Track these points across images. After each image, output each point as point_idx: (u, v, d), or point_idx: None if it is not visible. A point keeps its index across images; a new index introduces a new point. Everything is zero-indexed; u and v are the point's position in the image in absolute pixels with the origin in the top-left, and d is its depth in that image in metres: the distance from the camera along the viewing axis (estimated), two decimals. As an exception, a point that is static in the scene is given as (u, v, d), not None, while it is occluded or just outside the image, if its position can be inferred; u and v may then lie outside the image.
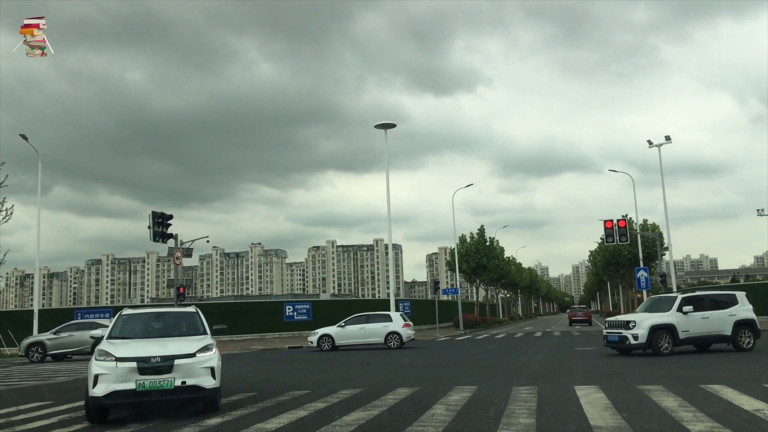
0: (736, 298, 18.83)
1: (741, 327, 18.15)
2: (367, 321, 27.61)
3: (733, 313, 18.20)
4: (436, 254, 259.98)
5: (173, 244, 31.33)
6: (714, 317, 17.96)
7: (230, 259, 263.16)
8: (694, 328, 17.65)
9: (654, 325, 17.29)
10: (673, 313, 17.65)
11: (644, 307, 19.57)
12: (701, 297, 18.77)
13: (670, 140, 40.01)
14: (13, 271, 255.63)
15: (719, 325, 17.99)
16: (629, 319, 17.94)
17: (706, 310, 18.04)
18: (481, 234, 60.74)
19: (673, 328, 17.42)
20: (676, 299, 18.13)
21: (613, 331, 18.20)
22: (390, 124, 36.65)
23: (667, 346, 17.32)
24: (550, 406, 9.23)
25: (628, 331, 17.50)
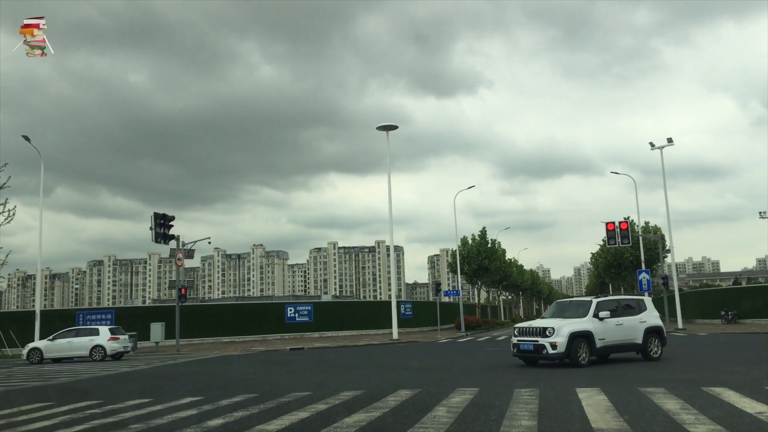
0: (645, 304, 17.79)
1: (650, 335, 17.06)
2: (76, 335, 28.10)
3: (644, 319, 17.11)
4: (438, 256, 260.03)
5: (175, 246, 31.39)
6: (627, 324, 16.71)
7: (232, 260, 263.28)
8: (610, 335, 16.30)
9: (573, 332, 15.55)
10: (590, 319, 16.11)
11: (552, 312, 17.64)
12: (615, 302, 17.40)
13: (672, 142, 40.01)
14: (15, 272, 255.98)
15: (632, 332, 16.79)
16: (546, 326, 15.93)
17: (619, 316, 16.73)
18: (483, 236, 60.71)
19: (591, 335, 15.85)
20: (591, 304, 16.56)
21: (526, 339, 16.24)
22: (392, 125, 36.68)
23: (585, 356, 15.69)
24: (551, 409, 9.22)
25: (546, 339, 15.61)
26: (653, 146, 40.75)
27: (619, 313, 16.77)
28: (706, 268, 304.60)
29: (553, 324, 15.88)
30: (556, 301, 18.35)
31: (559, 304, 18.12)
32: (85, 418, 9.87)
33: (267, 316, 43.47)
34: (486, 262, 58.99)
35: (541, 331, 15.98)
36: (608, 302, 16.99)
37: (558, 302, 18.39)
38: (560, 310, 17.41)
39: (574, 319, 16.08)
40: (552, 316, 17.08)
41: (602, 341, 16.08)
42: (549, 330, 15.72)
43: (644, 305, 17.69)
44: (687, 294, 55.86)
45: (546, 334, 15.74)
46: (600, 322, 16.10)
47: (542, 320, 16.85)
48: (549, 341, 15.53)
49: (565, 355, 15.45)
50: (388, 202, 37.34)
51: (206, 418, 9.35)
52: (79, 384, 16.29)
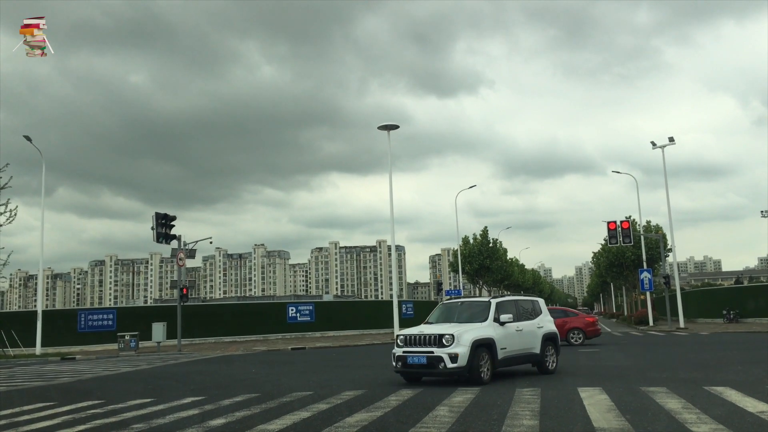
0: (540, 306, 15.29)
1: (547, 343, 14.58)
2: None
3: (541, 324, 14.60)
4: (439, 255, 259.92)
5: (176, 245, 31.40)
6: (526, 330, 14.04)
7: (233, 260, 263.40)
8: (511, 344, 13.39)
9: (476, 340, 12.46)
10: (491, 324, 13.15)
11: (440, 316, 14.25)
12: (513, 303, 14.46)
13: (673, 141, 39.98)
14: (17, 272, 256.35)
15: (531, 340, 14.13)
16: (444, 332, 12.54)
17: (518, 320, 13.92)
18: (485, 235, 60.74)
19: (493, 344, 12.84)
20: (491, 305, 13.53)
21: (416, 351, 12.68)
22: (393, 125, 36.64)
23: (487, 371, 12.63)
24: (553, 408, 9.22)
25: (443, 349, 12.29)
26: (655, 145, 40.72)
27: (518, 316, 13.98)
28: (708, 268, 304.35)
29: (452, 330, 12.53)
30: (443, 303, 15.11)
31: (448, 307, 14.77)
32: (86, 418, 9.88)
33: (268, 315, 43.47)
34: (487, 262, 59.02)
35: (436, 339, 12.48)
36: (508, 303, 14.14)
37: (445, 304, 15.18)
38: (450, 314, 14.12)
39: (474, 325, 13.02)
40: (439, 321, 13.92)
41: (504, 351, 13.09)
42: (447, 338, 12.35)
43: (539, 308, 15.19)
44: (689, 293, 55.81)
45: (443, 342, 12.35)
46: (501, 328, 13.20)
47: (436, 326, 13.37)
48: (447, 352, 12.21)
49: (466, 369, 12.23)
50: (390, 201, 37.31)
51: (208, 417, 9.36)
52: (80, 384, 16.30)
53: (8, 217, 29.87)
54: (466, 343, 12.29)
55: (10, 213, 29.81)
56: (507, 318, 13.32)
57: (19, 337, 33.10)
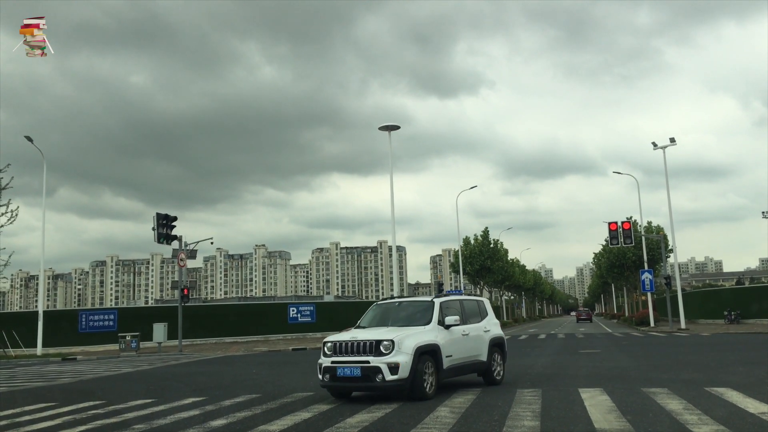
0: (485, 307, 13.48)
1: (494, 349, 12.77)
2: None
3: (487, 328, 12.82)
4: (440, 256, 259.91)
5: (177, 246, 31.41)
6: (473, 335, 12.19)
7: (234, 260, 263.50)
8: (457, 351, 11.56)
9: (420, 346, 10.53)
10: (434, 327, 11.21)
11: (374, 319, 12.19)
12: (459, 303, 12.63)
13: (674, 142, 39.95)
14: (18, 272, 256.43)
15: (477, 345, 12.28)
16: (382, 338, 10.49)
17: (464, 323, 12.03)
18: (485, 236, 60.73)
19: (438, 352, 10.94)
20: (435, 306, 11.64)
21: (348, 361, 10.53)
22: (394, 126, 36.63)
23: (432, 383, 10.73)
24: (554, 409, 9.22)
25: (381, 358, 10.24)
26: (656, 146, 40.69)
27: (464, 318, 12.14)
28: (709, 268, 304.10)
29: (391, 335, 10.54)
30: (377, 303, 13.06)
31: (384, 308, 12.62)
32: (88, 418, 9.89)
33: (269, 316, 43.49)
34: (488, 262, 59.00)
35: (373, 346, 10.44)
36: (453, 304, 12.32)
37: (381, 304, 12.92)
38: (387, 316, 12.14)
39: (415, 328, 11.07)
40: (374, 324, 11.92)
41: (449, 359, 11.26)
42: (386, 344, 10.35)
43: (485, 309, 13.39)
44: (690, 294, 55.78)
45: (381, 350, 10.33)
46: (447, 332, 11.38)
47: (371, 330, 11.35)
48: (386, 361, 10.21)
49: (408, 382, 10.28)
50: (391, 202, 37.29)
51: (209, 418, 9.37)
52: (82, 384, 16.31)
53: (9, 218, 29.92)
54: (408, 350, 10.33)
55: (11, 213, 29.87)
56: (453, 320, 11.46)
57: (20, 337, 33.12)
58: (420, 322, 11.38)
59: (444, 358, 11.08)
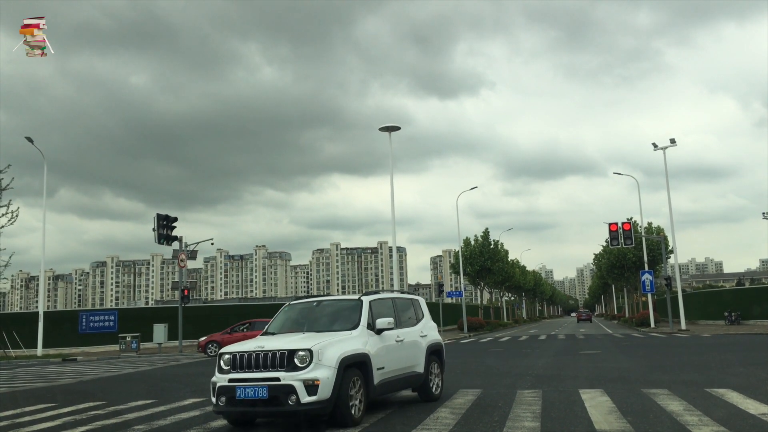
0: (421, 307, 11.32)
1: (432, 357, 10.75)
2: None
3: (424, 332, 10.72)
4: (440, 257, 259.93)
5: (178, 247, 31.42)
6: (408, 341, 10.06)
7: (234, 261, 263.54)
8: (391, 361, 9.38)
9: (346, 357, 8.31)
10: (363, 332, 9.06)
11: (285, 322, 9.79)
12: (392, 303, 10.35)
13: (675, 143, 39.95)
14: (18, 273, 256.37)
15: (413, 354, 10.16)
16: (295, 347, 8.18)
17: (398, 327, 9.85)
18: (486, 237, 60.72)
19: (368, 363, 8.74)
20: (363, 306, 9.45)
21: (249, 378, 8.13)
22: (394, 126, 36.63)
23: (359, 404, 8.58)
24: (554, 410, 9.22)
25: (296, 373, 7.96)
26: (656, 147, 40.70)
27: (397, 321, 9.98)
28: (710, 269, 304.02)
29: (308, 343, 8.20)
30: (290, 303, 10.47)
31: (300, 309, 10.11)
32: (88, 419, 9.89)
33: (270, 316, 43.41)
34: (489, 263, 58.98)
35: (284, 358, 8.09)
36: (385, 303, 10.13)
37: (295, 305, 10.33)
38: (302, 319, 9.74)
39: (340, 335, 8.78)
40: (286, 329, 9.53)
41: (381, 372, 9.02)
42: (302, 355, 8.03)
43: (420, 309, 11.24)
44: (690, 295, 55.76)
45: (295, 363, 8.00)
46: (378, 339, 9.21)
47: (282, 337, 8.93)
48: (302, 378, 7.88)
49: (330, 403, 8.00)
50: (391, 203, 37.29)
51: (210, 419, 9.37)
52: (82, 385, 16.32)
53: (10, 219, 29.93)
54: (330, 362, 8.01)
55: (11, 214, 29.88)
56: (386, 323, 9.26)
57: (20, 338, 33.13)
58: (345, 326, 9.18)
59: (375, 371, 8.84)
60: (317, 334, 8.86)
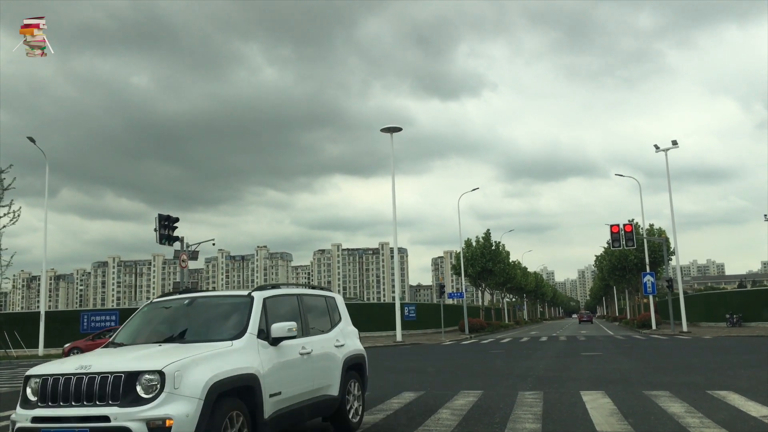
0: (338, 308, 8.74)
1: (350, 374, 8.26)
2: None
3: (340, 341, 8.16)
4: (442, 258, 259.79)
5: (179, 247, 31.40)
6: (319, 352, 7.52)
7: (236, 261, 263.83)
8: (293, 383, 6.97)
9: (219, 382, 5.62)
10: (250, 343, 6.46)
11: (140, 328, 7.19)
12: (296, 300, 7.73)
13: (677, 145, 39.92)
14: (20, 273, 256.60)
15: (326, 372, 7.67)
16: (137, 368, 5.41)
17: (304, 334, 7.40)
18: (487, 238, 60.68)
19: (256, 388, 6.20)
20: (253, 304, 6.86)
21: (63, 417, 5.34)
22: (396, 127, 36.67)
23: None
24: (555, 412, 9.21)
25: (134, 409, 5.20)
26: (658, 149, 40.67)
27: (304, 326, 7.48)
28: (711, 271, 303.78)
29: (160, 362, 5.49)
30: (152, 301, 7.78)
31: (163, 309, 7.44)
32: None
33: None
34: (490, 264, 58.94)
35: (119, 384, 5.37)
36: (286, 301, 7.52)
37: (157, 303, 7.63)
38: (166, 323, 7.16)
39: (213, 347, 6.17)
40: (138, 339, 6.92)
41: (278, 400, 6.58)
42: (146, 380, 5.36)
43: (337, 310, 8.66)
44: (692, 297, 55.69)
45: (137, 392, 5.34)
46: (275, 352, 6.70)
47: (125, 351, 6.31)
48: (146, 417, 5.18)
49: None
50: (392, 204, 37.33)
51: None
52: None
53: (12, 218, 30.06)
54: (194, 389, 5.41)
55: (13, 214, 30.03)
56: (286, 330, 6.63)
57: (22, 338, 33.17)
58: (225, 334, 6.39)
59: (267, 399, 6.25)
60: (181, 347, 6.07)
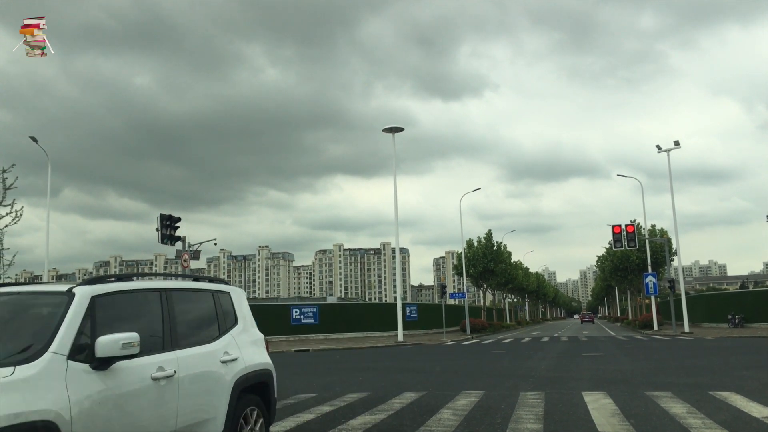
0: (233, 307, 6.31)
1: (246, 401, 5.91)
2: None
3: (231, 352, 5.77)
4: (443, 258, 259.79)
5: (181, 247, 31.43)
6: (189, 373, 5.05)
7: (237, 261, 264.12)
8: (132, 426, 4.34)
9: None
10: (54, 368, 3.87)
11: None
12: (157, 297, 5.14)
13: (679, 145, 39.85)
14: (22, 272, 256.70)
15: (199, 399, 5.19)
16: None
17: (167, 347, 4.96)
18: (489, 238, 60.65)
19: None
20: (71, 306, 4.25)
21: None
22: (398, 127, 36.67)
23: None
24: (557, 412, 9.20)
25: None
26: (660, 149, 40.60)
27: (169, 337, 5.05)
28: (713, 272, 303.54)
29: None
30: None
31: None
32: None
33: (272, 317, 43.40)
34: (491, 265, 58.92)
35: None
36: (131, 301, 4.99)
37: None
38: None
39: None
40: None
41: None
42: None
43: (233, 309, 6.30)
44: (694, 297, 55.60)
45: None
46: (102, 379, 4.18)
47: None
48: None
49: None
50: (394, 204, 37.32)
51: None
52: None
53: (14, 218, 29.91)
54: None
55: (15, 213, 29.84)
56: (119, 346, 4.20)
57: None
58: (14, 352, 3.97)
59: None
60: None
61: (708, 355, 20.45)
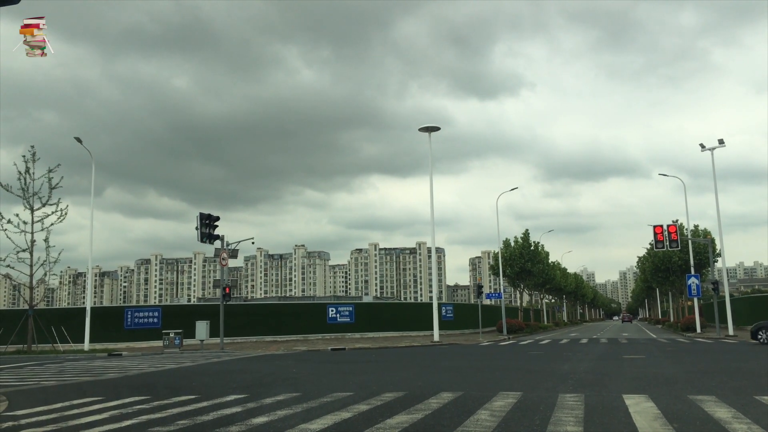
0: None
1: None
2: None
3: None
4: (479, 258, 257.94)
5: (219, 245, 31.87)
6: None
7: (274, 260, 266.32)
8: None
9: None
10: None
11: None
12: None
13: (723, 144, 38.87)
14: (66, 269, 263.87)
15: None
16: None
17: None
18: (526, 238, 60.09)
19: None
20: None
21: None
22: (434, 127, 36.57)
23: None
24: (597, 415, 9.05)
25: None
26: (704, 147, 39.65)
27: None
28: (758, 273, 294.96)
29: None
30: None
31: None
32: (133, 413, 10.10)
33: (309, 316, 43.80)
34: (528, 265, 58.36)
35: None
36: None
37: None
38: None
39: None
40: None
41: None
42: None
43: None
44: (738, 299, 54.17)
45: None
46: None
47: None
48: None
49: None
50: (430, 203, 37.23)
51: (251, 415, 9.48)
52: (127, 380, 16.68)
53: (59, 216, 30.89)
54: None
55: (61, 212, 30.85)
56: None
57: (68, 333, 34.05)
58: None
59: None
60: None
61: (753, 359, 19.90)
